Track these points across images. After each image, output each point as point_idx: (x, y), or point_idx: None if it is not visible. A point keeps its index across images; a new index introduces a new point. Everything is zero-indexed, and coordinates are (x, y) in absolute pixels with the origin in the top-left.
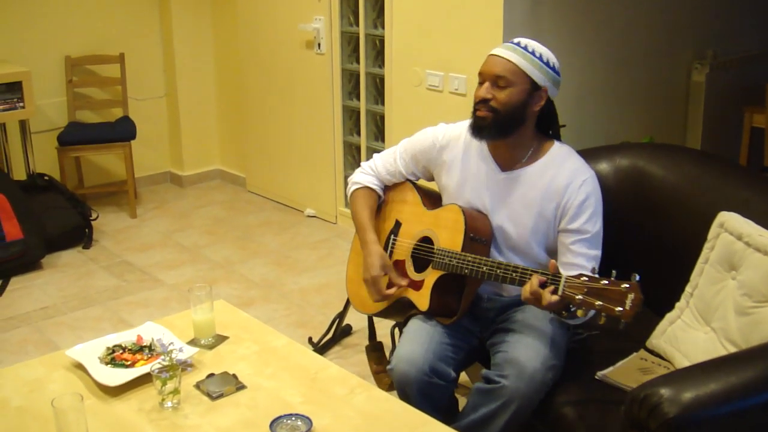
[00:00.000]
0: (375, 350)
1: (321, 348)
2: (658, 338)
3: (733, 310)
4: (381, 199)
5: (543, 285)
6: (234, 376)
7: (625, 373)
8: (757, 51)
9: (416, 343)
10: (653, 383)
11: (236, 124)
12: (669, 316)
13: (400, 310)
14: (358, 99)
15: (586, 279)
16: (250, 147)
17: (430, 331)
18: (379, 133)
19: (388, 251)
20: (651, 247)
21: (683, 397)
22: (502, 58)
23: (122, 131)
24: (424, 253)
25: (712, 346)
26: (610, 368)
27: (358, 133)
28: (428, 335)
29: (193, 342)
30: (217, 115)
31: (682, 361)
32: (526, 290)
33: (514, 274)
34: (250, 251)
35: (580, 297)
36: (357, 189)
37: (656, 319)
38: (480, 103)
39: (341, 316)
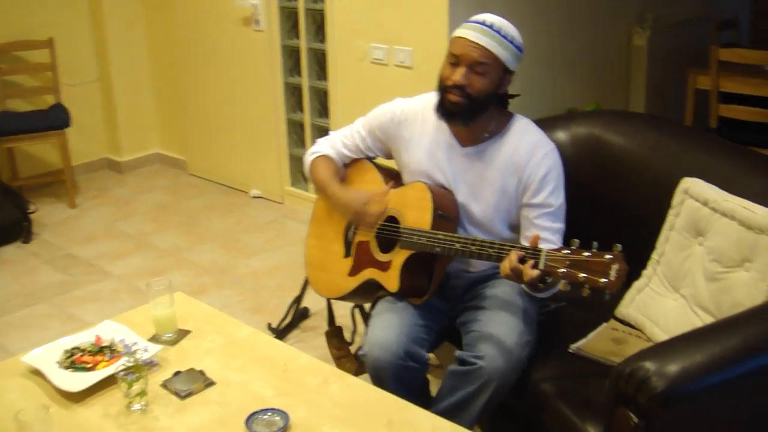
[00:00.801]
0: (335, 335)
1: (280, 333)
2: (627, 307)
3: (703, 276)
4: (341, 173)
5: (522, 260)
6: (201, 372)
7: (599, 344)
8: (698, 14)
9: (389, 327)
10: (637, 357)
11: (174, 106)
12: (637, 284)
13: (367, 293)
14: (300, 75)
15: (568, 252)
16: (190, 129)
17: (401, 313)
18: (323, 110)
19: (351, 233)
20: (614, 216)
21: (669, 370)
22: (479, 45)
23: (56, 119)
24: (389, 232)
25: (683, 312)
26: (583, 340)
27: (302, 110)
28: (400, 318)
29: (154, 338)
30: (153, 97)
31: (653, 329)
32: (505, 266)
33: (490, 250)
34: (197, 236)
35: (562, 270)
36: (316, 157)
37: (623, 288)
38: (455, 87)
39: (298, 299)
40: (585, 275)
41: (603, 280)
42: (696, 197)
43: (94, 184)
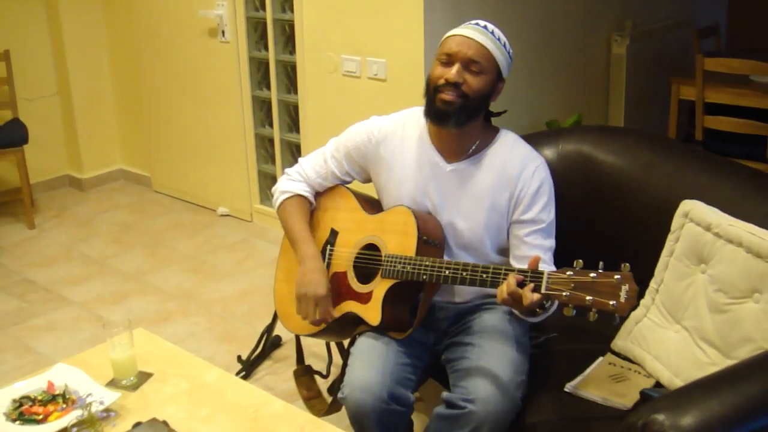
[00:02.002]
0: (304, 374)
1: (251, 364)
2: (624, 339)
3: (707, 308)
4: (312, 207)
5: (521, 284)
6: (164, 423)
7: (596, 382)
8: (676, 20)
9: (371, 367)
10: (651, 408)
11: (137, 121)
12: (634, 314)
13: (344, 329)
14: (269, 89)
15: (571, 273)
16: (154, 144)
17: (383, 350)
18: (293, 124)
19: (325, 263)
20: (606, 241)
21: (686, 423)
22: (475, 41)
23: (12, 135)
24: (368, 261)
25: (686, 346)
26: (579, 378)
27: (271, 125)
28: (383, 356)
29: (113, 383)
30: (115, 111)
31: (654, 364)
32: (503, 291)
33: (484, 275)
34: (162, 258)
35: (566, 293)
36: (286, 199)
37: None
38: (448, 85)
39: (270, 328)
40: (592, 298)
41: (612, 302)
42: (697, 221)
43: (54, 202)
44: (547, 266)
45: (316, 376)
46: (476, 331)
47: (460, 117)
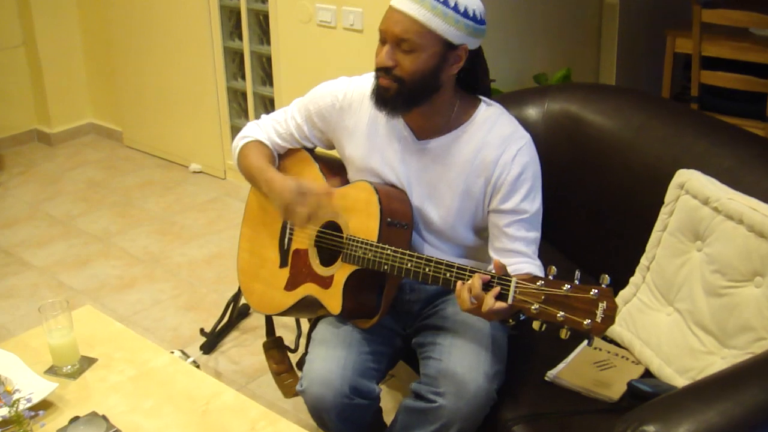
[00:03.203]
0: (274, 347)
1: (216, 336)
2: None
3: (702, 290)
4: (276, 163)
5: (487, 286)
6: (104, 417)
7: (579, 370)
8: None
9: (331, 358)
10: (639, 417)
11: (108, 73)
12: (623, 293)
13: (308, 309)
14: (241, 39)
15: (542, 283)
16: (125, 98)
17: (346, 339)
18: (266, 77)
19: (285, 239)
20: (594, 211)
21: None
22: (403, 14)
23: None
24: (330, 242)
25: (678, 330)
26: (561, 365)
27: (243, 78)
28: (345, 346)
29: (52, 370)
30: (85, 62)
31: (643, 350)
32: (464, 297)
33: (448, 274)
34: (130, 219)
35: (536, 306)
36: (247, 142)
37: None
38: (380, 70)
39: (236, 297)
40: (564, 314)
41: (587, 321)
42: (694, 194)
43: (20, 158)
44: (520, 265)
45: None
46: (450, 314)
47: (398, 103)
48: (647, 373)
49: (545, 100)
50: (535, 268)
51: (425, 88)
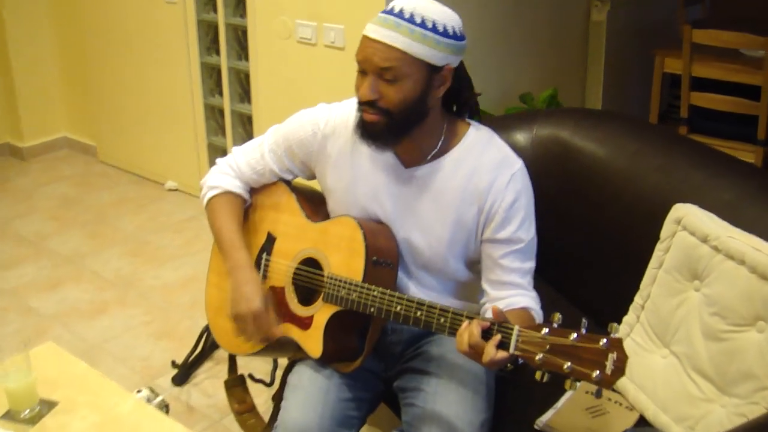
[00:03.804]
0: (236, 385)
1: (189, 367)
2: None
3: (701, 332)
4: (247, 203)
5: (486, 334)
6: None
7: (571, 416)
8: None
9: (308, 407)
10: None
11: (83, 85)
12: None
13: (283, 349)
14: (218, 54)
15: (547, 331)
16: (101, 112)
17: (324, 385)
18: (244, 94)
19: (261, 274)
20: (585, 244)
21: None
22: (382, 44)
23: None
24: (309, 280)
25: (675, 375)
26: (551, 412)
27: (221, 94)
28: (322, 392)
29: (8, 416)
30: (59, 74)
31: (637, 395)
32: (463, 341)
33: (442, 320)
34: (103, 239)
35: (540, 356)
36: (215, 195)
37: None
38: (365, 104)
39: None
40: (571, 365)
41: (596, 373)
42: (692, 230)
43: None
44: (523, 297)
45: (260, 384)
46: (434, 357)
47: (389, 136)
48: (642, 420)
49: (533, 126)
50: (530, 300)
51: (413, 115)
